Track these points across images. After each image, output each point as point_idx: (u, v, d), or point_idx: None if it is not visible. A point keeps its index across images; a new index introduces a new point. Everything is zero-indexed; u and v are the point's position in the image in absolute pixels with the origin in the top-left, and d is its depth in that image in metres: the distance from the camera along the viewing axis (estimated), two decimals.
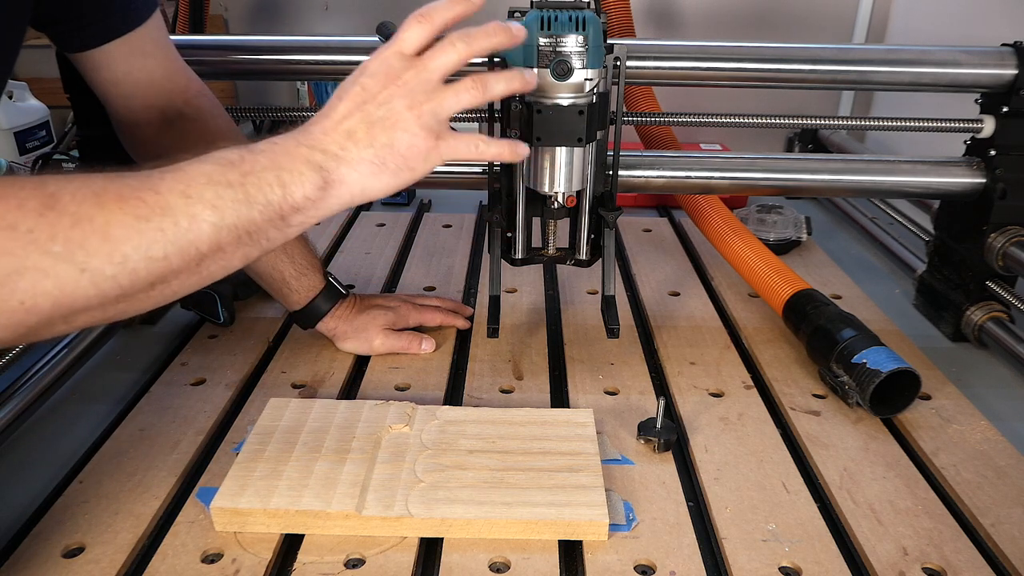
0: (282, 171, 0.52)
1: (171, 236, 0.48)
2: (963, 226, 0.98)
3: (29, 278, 0.44)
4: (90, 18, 0.73)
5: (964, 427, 0.78)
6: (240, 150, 0.52)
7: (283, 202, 0.52)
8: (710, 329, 0.97)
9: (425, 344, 0.90)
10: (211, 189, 0.49)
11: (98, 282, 0.46)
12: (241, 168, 0.51)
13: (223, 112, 0.84)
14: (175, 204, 0.48)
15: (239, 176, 0.50)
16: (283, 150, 0.53)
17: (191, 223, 0.48)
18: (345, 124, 0.54)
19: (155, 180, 0.49)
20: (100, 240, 0.46)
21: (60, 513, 0.65)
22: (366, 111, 0.54)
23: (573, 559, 0.62)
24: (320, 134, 0.53)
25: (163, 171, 0.50)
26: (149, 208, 0.47)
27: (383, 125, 0.53)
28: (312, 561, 0.60)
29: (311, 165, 0.52)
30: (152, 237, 0.47)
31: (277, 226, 0.52)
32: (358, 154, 0.53)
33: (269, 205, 0.51)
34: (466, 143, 0.57)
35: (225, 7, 1.67)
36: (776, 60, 0.92)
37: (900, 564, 0.61)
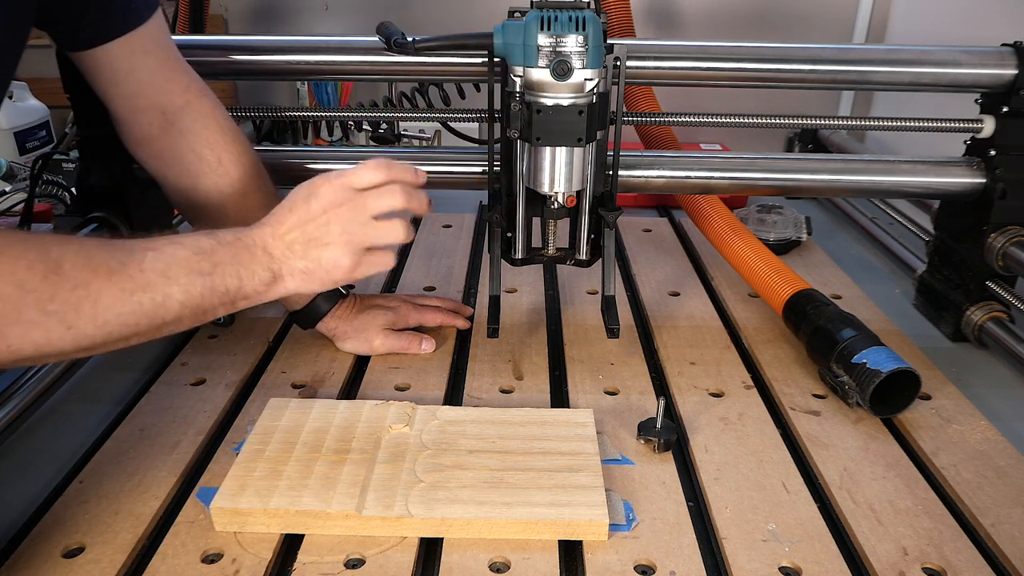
0: (241, 267, 0.62)
1: (146, 309, 0.57)
2: (963, 226, 0.98)
3: (22, 329, 0.51)
4: (92, 17, 0.73)
5: (964, 427, 0.78)
6: (211, 240, 0.62)
7: (237, 292, 0.62)
8: (710, 329, 0.97)
9: (425, 344, 0.90)
10: (187, 275, 0.59)
11: (78, 338, 0.54)
12: (212, 259, 0.60)
13: (224, 112, 0.84)
14: (155, 283, 0.57)
15: (210, 266, 0.60)
16: (244, 247, 0.63)
17: (164, 300, 0.58)
18: (288, 236, 0.64)
19: (140, 257, 0.57)
20: (91, 305, 0.54)
21: (60, 513, 0.65)
22: (305, 230, 0.64)
23: (573, 559, 0.62)
24: (269, 238, 0.64)
25: (146, 248, 0.58)
26: (134, 283, 0.56)
27: (316, 243, 0.64)
28: (312, 561, 0.60)
29: (263, 265, 0.63)
30: (131, 308, 0.56)
31: (227, 307, 0.62)
32: (294, 263, 0.64)
33: (227, 293, 0.61)
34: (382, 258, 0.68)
35: (225, 7, 1.67)
36: (776, 60, 0.92)
37: (900, 564, 0.61)
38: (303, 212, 0.64)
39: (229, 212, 0.82)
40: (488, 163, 0.86)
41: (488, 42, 0.78)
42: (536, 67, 0.74)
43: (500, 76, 0.81)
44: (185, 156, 0.81)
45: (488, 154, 0.85)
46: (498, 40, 0.76)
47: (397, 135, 1.49)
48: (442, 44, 0.81)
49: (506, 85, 0.78)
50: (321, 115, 1.18)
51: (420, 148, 1.44)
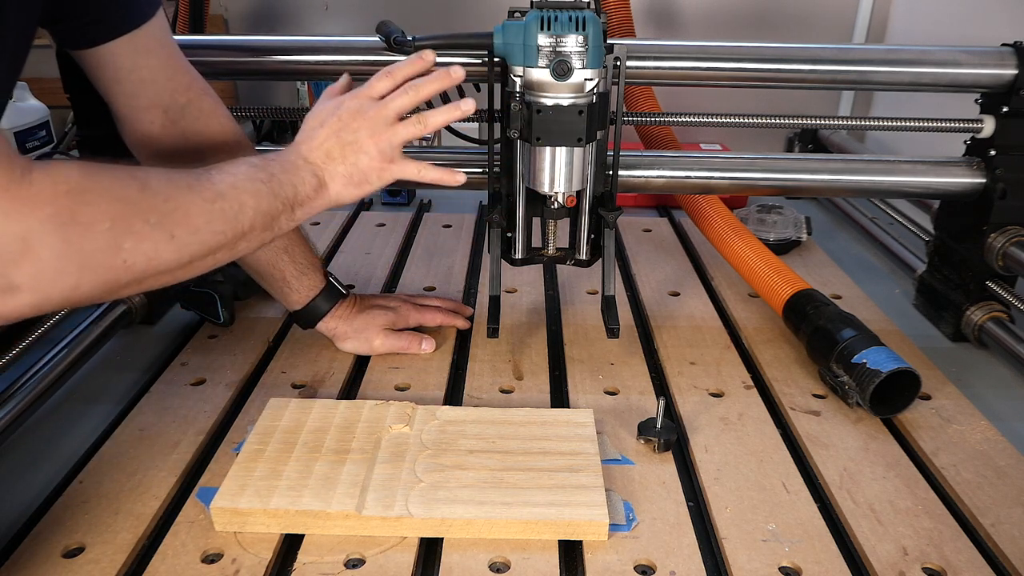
0: (291, 174, 0.67)
1: (228, 216, 0.61)
2: (963, 226, 0.98)
3: (133, 240, 0.54)
4: (95, 16, 0.73)
5: (964, 427, 0.78)
6: (259, 159, 0.66)
7: (294, 197, 0.67)
8: (710, 329, 0.97)
9: (425, 344, 0.90)
10: (251, 183, 0.64)
11: (180, 248, 0.58)
12: (267, 170, 0.65)
13: (225, 111, 0.84)
14: (228, 193, 0.62)
15: (266, 176, 0.65)
16: (288, 160, 0.68)
17: (240, 207, 0.62)
18: (325, 145, 0.69)
19: (208, 175, 0.62)
20: (183, 215, 0.58)
21: (60, 513, 0.65)
22: (340, 137, 0.70)
23: (573, 559, 0.62)
24: (307, 151, 0.69)
25: (209, 169, 0.63)
26: (213, 193, 0.61)
27: (352, 148, 0.70)
28: (312, 561, 0.60)
29: (309, 171, 0.68)
30: (217, 216, 0.60)
31: (288, 216, 0.67)
32: (335, 168, 0.70)
33: (286, 199, 0.66)
34: (413, 167, 0.73)
35: (225, 7, 1.67)
36: (776, 60, 0.92)
37: (900, 564, 0.61)
38: (335, 123, 0.70)
39: None
40: (488, 163, 0.86)
41: (488, 42, 0.78)
42: (536, 67, 0.74)
43: (500, 76, 0.81)
44: (187, 155, 0.81)
45: (488, 154, 0.85)
46: (498, 40, 0.76)
47: None
48: (442, 44, 0.81)
49: (506, 85, 0.78)
50: None
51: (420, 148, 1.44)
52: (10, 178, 0.49)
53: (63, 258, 0.51)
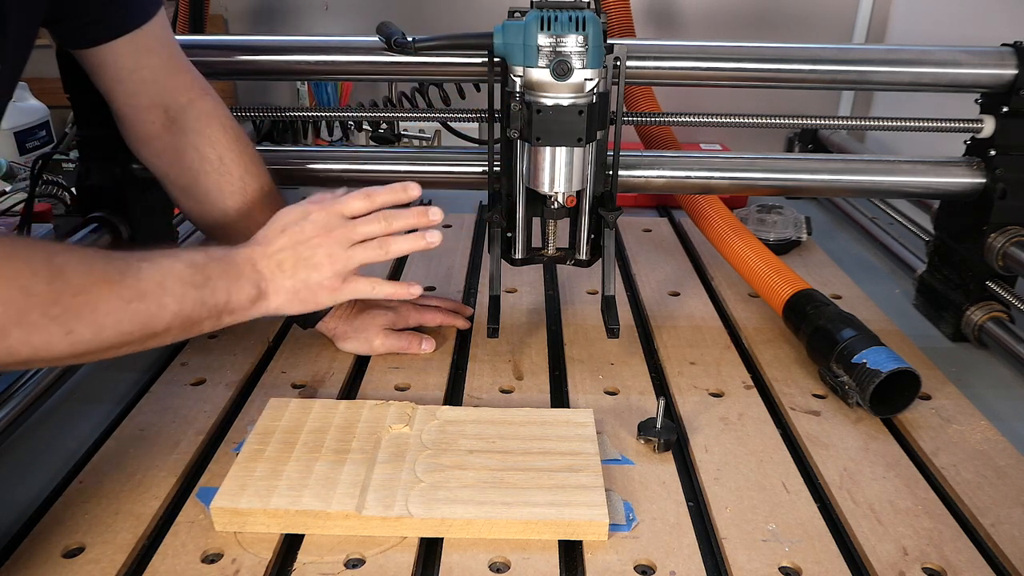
0: (230, 281, 0.65)
1: (142, 318, 0.58)
2: (963, 226, 0.98)
3: (23, 331, 0.52)
4: (96, 15, 0.73)
5: (964, 427, 0.78)
6: (203, 254, 0.64)
7: (224, 306, 0.64)
8: (710, 329, 0.97)
9: (425, 344, 0.90)
10: (180, 287, 0.61)
11: (75, 344, 0.55)
12: (205, 272, 0.63)
13: (226, 111, 0.84)
14: (151, 292, 0.59)
15: (202, 279, 0.62)
16: (233, 263, 0.66)
17: (158, 310, 0.59)
18: (279, 256, 0.67)
19: (137, 267, 0.59)
20: (90, 312, 0.55)
21: (60, 513, 0.65)
22: (297, 251, 0.68)
23: (573, 559, 0.62)
24: (259, 257, 0.67)
25: (142, 259, 0.60)
26: (132, 292, 0.58)
27: (305, 264, 0.68)
28: (312, 561, 0.60)
29: (251, 281, 0.66)
30: (128, 316, 0.58)
31: (212, 322, 0.64)
32: (281, 282, 0.67)
33: (215, 306, 0.64)
34: (366, 285, 0.71)
35: (225, 7, 1.67)
36: (776, 60, 0.92)
37: (900, 564, 0.61)
38: (295, 233, 0.68)
39: (230, 210, 0.82)
40: (488, 163, 0.86)
41: (488, 42, 0.78)
42: (536, 67, 0.74)
43: (500, 76, 0.81)
44: (187, 154, 0.81)
45: (488, 154, 0.85)
46: (498, 40, 0.76)
47: (397, 135, 1.49)
48: (442, 44, 0.81)
49: (506, 85, 0.78)
50: (321, 115, 1.18)
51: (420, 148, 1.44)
52: None
53: None
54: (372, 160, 1.03)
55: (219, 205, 0.82)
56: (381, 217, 0.70)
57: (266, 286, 0.67)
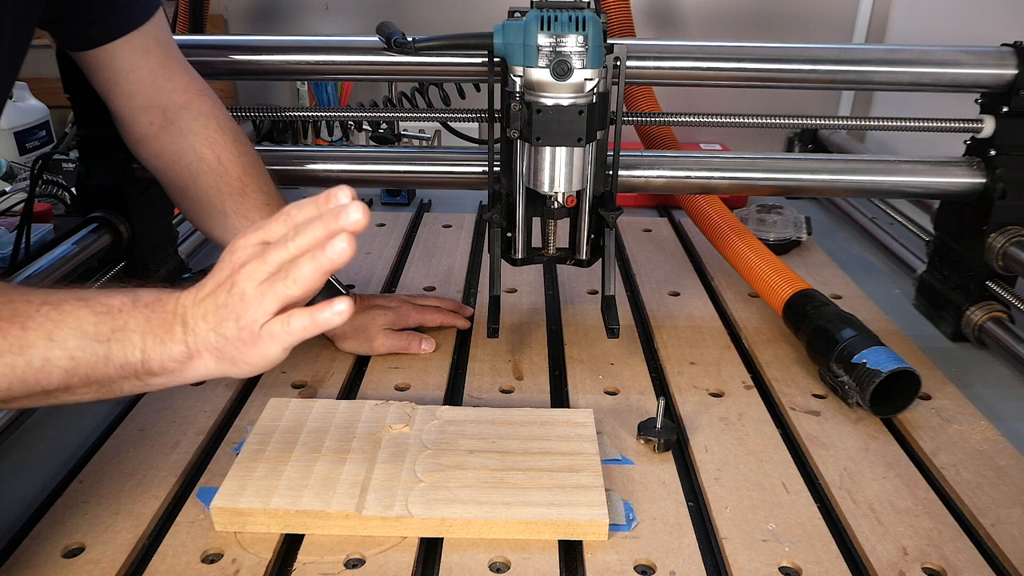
0: (148, 336, 0.52)
1: (19, 372, 0.49)
2: (963, 226, 0.98)
3: None
4: (95, 16, 0.73)
5: (964, 427, 0.78)
6: (127, 298, 0.53)
7: (139, 365, 0.52)
8: (710, 329, 0.97)
9: (425, 344, 0.90)
10: (75, 339, 0.50)
11: None
12: (114, 323, 0.52)
13: (224, 111, 0.84)
14: (34, 343, 0.50)
15: (108, 331, 0.51)
16: (160, 313, 0.53)
17: (43, 365, 0.50)
18: (204, 304, 0.53)
19: (32, 312, 0.50)
20: None
21: (60, 513, 0.65)
22: (216, 296, 0.53)
23: (573, 559, 0.62)
24: (190, 304, 0.53)
25: (46, 300, 0.51)
26: (8, 343, 0.49)
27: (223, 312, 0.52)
28: (312, 561, 0.60)
29: (177, 337, 0.53)
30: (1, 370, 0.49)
31: (131, 382, 0.53)
32: (205, 337, 0.53)
33: (126, 365, 0.52)
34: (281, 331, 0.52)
35: (225, 7, 1.67)
36: (776, 60, 0.92)
37: (900, 564, 0.61)
38: (218, 273, 0.54)
39: (228, 211, 0.82)
40: (488, 163, 0.86)
41: (488, 42, 0.78)
42: (536, 67, 0.74)
43: (500, 76, 0.81)
44: (185, 155, 0.81)
45: (488, 154, 0.85)
46: (498, 40, 0.76)
47: (397, 135, 1.49)
48: (442, 44, 0.81)
49: (506, 85, 0.78)
50: (321, 115, 1.18)
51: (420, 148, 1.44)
52: None
53: None
54: (372, 160, 1.03)
55: (218, 206, 0.82)
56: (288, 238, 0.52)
57: (194, 342, 0.53)
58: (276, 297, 0.51)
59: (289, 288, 0.51)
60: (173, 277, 1.00)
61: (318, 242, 0.50)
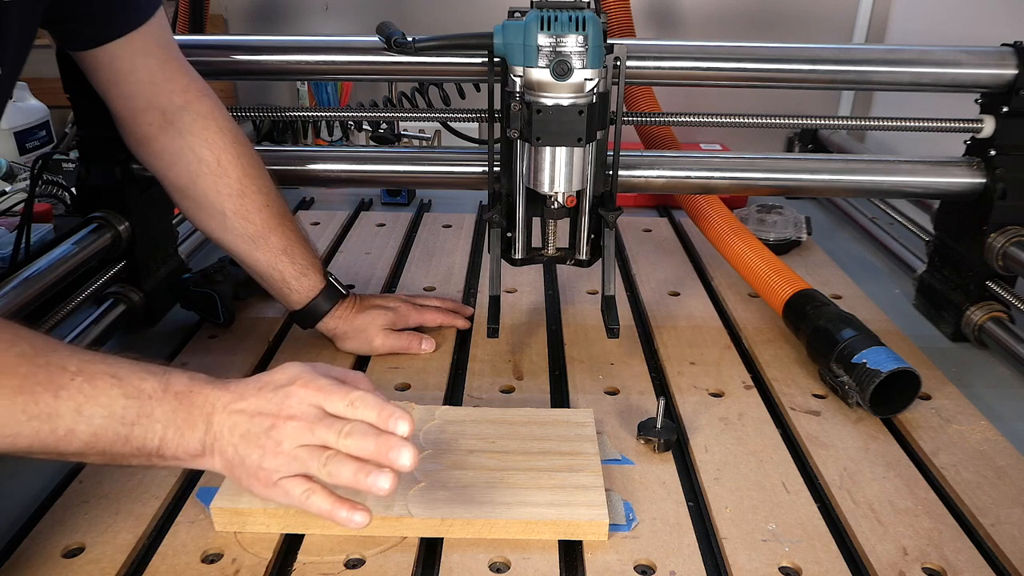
0: (170, 427, 0.55)
1: (43, 437, 0.52)
2: (963, 226, 0.98)
3: None
4: (95, 17, 0.73)
5: (964, 427, 0.78)
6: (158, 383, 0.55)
7: (155, 451, 0.55)
8: (710, 329, 0.97)
9: (425, 344, 0.90)
10: (101, 417, 0.53)
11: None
12: (142, 408, 0.54)
13: (224, 112, 0.84)
14: (62, 415, 0.52)
15: (135, 416, 0.54)
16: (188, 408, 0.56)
17: (67, 435, 0.52)
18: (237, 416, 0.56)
19: (64, 381, 0.52)
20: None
21: (60, 513, 0.65)
22: (254, 420, 0.56)
23: (573, 559, 0.62)
24: (221, 409, 0.57)
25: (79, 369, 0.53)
26: (38, 409, 0.51)
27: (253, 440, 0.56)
28: (312, 561, 0.60)
29: (197, 435, 0.56)
30: (25, 431, 0.51)
31: (140, 461, 0.56)
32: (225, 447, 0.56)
33: (143, 448, 0.55)
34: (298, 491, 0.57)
35: (225, 7, 1.67)
36: (776, 60, 0.92)
37: (900, 564, 0.61)
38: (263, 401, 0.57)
39: (227, 212, 0.82)
40: (488, 163, 0.86)
41: (488, 42, 0.78)
42: (536, 67, 0.74)
43: (500, 76, 0.81)
44: (184, 156, 0.81)
45: (488, 154, 0.85)
46: (498, 40, 0.76)
47: (397, 135, 1.49)
48: (442, 44, 0.81)
49: (506, 85, 0.78)
50: (321, 115, 1.19)
51: (420, 148, 1.44)
52: None
53: None
54: (372, 160, 1.03)
55: (217, 207, 0.82)
56: (339, 426, 0.56)
57: (213, 443, 0.56)
58: (307, 470, 0.56)
59: (321, 474, 0.56)
60: (173, 276, 1.00)
61: (366, 457, 0.55)
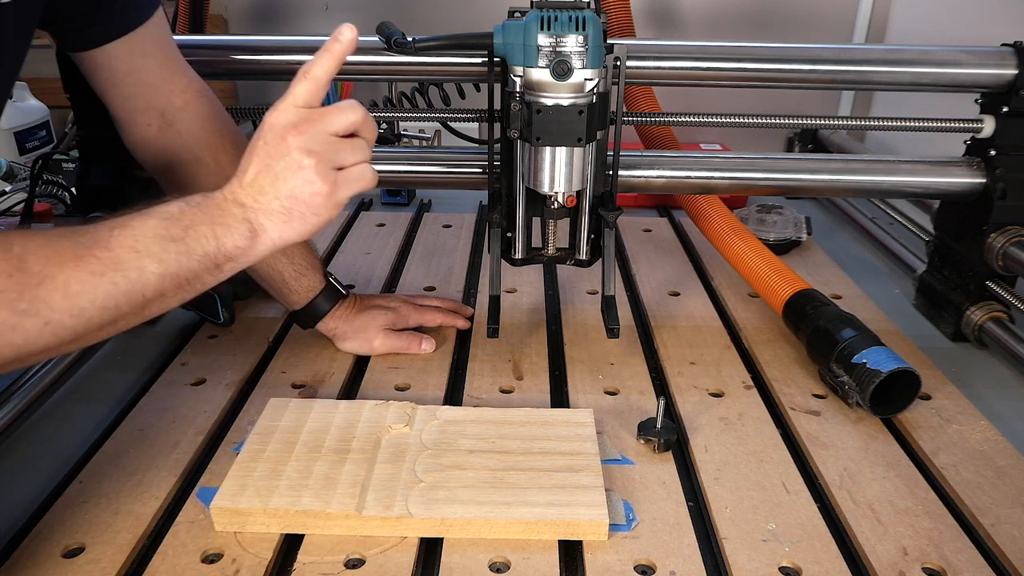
0: (216, 225, 0.57)
1: (122, 287, 0.54)
2: (963, 226, 0.98)
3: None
4: (94, 17, 0.73)
5: (964, 427, 0.78)
6: (180, 204, 0.57)
7: (217, 252, 0.57)
8: (710, 329, 0.97)
9: (425, 344, 0.90)
10: (157, 243, 0.55)
11: (57, 332, 0.52)
12: (182, 222, 0.56)
13: (224, 112, 0.84)
14: (125, 259, 0.54)
15: (181, 230, 0.56)
16: (215, 204, 0.58)
17: (139, 275, 0.54)
18: (256, 181, 0.58)
19: (107, 237, 0.54)
20: (61, 296, 0.51)
21: (60, 513, 0.65)
22: (270, 165, 0.58)
23: (573, 559, 0.62)
24: (237, 188, 0.58)
25: (112, 226, 0.55)
26: (103, 264, 0.53)
27: (285, 175, 0.57)
28: (312, 561, 0.60)
29: (237, 218, 0.58)
30: (105, 290, 0.53)
31: (212, 273, 0.58)
32: (270, 206, 0.58)
33: (206, 256, 0.57)
34: (363, 178, 0.61)
35: (225, 7, 1.67)
36: (776, 60, 0.92)
37: (900, 564, 0.61)
38: (261, 150, 0.58)
39: None
40: (488, 163, 0.86)
41: (488, 42, 0.78)
42: (536, 67, 0.74)
43: (500, 76, 0.81)
44: (183, 157, 0.81)
45: (488, 154, 0.85)
46: (498, 40, 0.76)
47: (397, 135, 1.49)
48: (442, 44, 0.81)
49: (506, 85, 0.78)
50: None
51: (420, 148, 1.44)
52: None
53: None
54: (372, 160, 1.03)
55: None
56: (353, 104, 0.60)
57: (255, 217, 0.58)
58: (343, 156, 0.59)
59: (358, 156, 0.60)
60: None
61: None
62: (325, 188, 0.58)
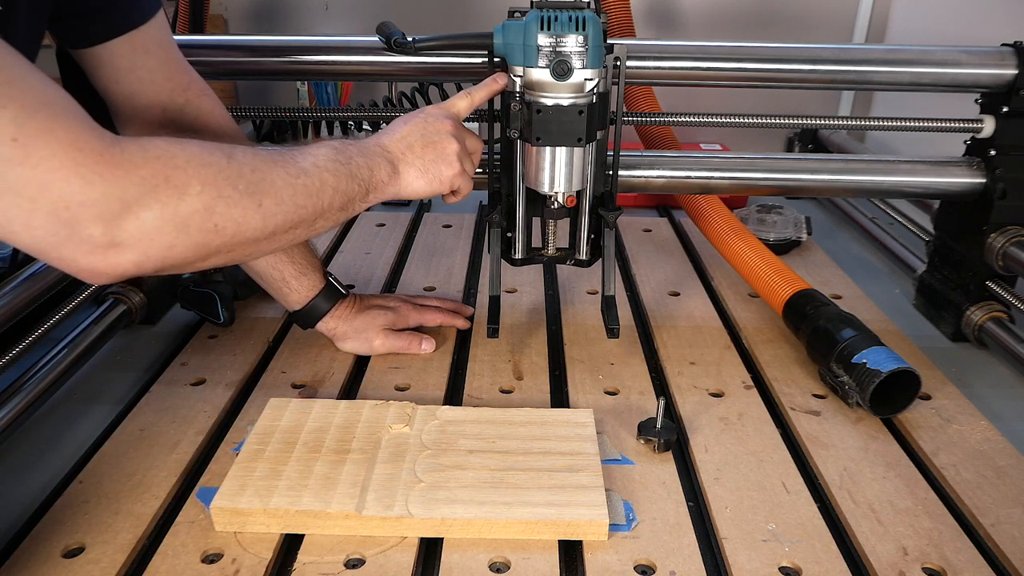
0: (368, 159, 0.69)
1: (311, 191, 0.63)
2: (963, 226, 0.98)
3: (224, 205, 0.56)
4: (96, 15, 0.73)
5: (964, 427, 0.78)
6: (338, 142, 0.69)
7: (370, 181, 0.69)
8: (710, 329, 0.97)
9: (425, 344, 0.90)
10: (332, 164, 0.66)
11: (266, 217, 0.59)
12: (345, 153, 0.68)
13: (224, 111, 0.84)
14: (310, 170, 0.64)
15: (345, 158, 0.67)
16: (365, 147, 0.70)
17: (322, 185, 0.64)
18: (408, 138, 0.73)
19: (292, 154, 0.64)
20: (269, 185, 0.60)
21: (60, 513, 0.65)
22: (425, 133, 0.73)
23: (573, 559, 0.62)
24: (387, 142, 0.72)
25: (290, 150, 0.65)
26: (297, 169, 0.63)
27: (435, 146, 0.73)
28: (312, 561, 0.60)
29: (384, 159, 0.71)
30: (300, 190, 0.62)
31: (363, 198, 0.69)
32: (412, 159, 0.72)
33: (363, 181, 0.68)
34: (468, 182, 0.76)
35: (225, 7, 1.67)
36: (776, 60, 0.92)
37: (900, 564, 0.61)
38: (421, 122, 0.73)
39: None
40: (488, 163, 0.86)
41: (488, 42, 0.78)
42: (536, 67, 0.74)
43: None
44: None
45: (488, 154, 0.85)
46: (498, 40, 0.76)
47: None
48: (442, 44, 0.81)
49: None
50: (321, 115, 1.18)
51: None
52: (103, 144, 0.51)
53: (160, 218, 0.53)
54: None
55: None
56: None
57: (398, 163, 0.71)
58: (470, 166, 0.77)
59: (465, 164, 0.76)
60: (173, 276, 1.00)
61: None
62: (456, 169, 0.74)
